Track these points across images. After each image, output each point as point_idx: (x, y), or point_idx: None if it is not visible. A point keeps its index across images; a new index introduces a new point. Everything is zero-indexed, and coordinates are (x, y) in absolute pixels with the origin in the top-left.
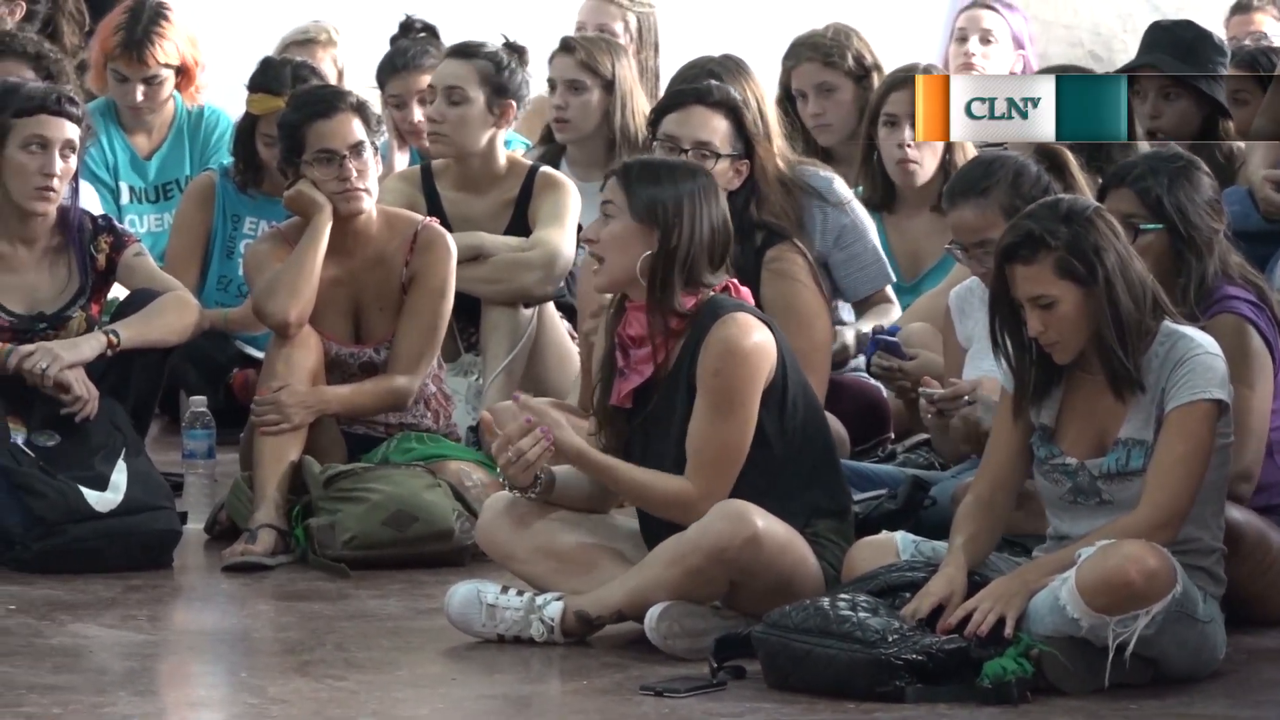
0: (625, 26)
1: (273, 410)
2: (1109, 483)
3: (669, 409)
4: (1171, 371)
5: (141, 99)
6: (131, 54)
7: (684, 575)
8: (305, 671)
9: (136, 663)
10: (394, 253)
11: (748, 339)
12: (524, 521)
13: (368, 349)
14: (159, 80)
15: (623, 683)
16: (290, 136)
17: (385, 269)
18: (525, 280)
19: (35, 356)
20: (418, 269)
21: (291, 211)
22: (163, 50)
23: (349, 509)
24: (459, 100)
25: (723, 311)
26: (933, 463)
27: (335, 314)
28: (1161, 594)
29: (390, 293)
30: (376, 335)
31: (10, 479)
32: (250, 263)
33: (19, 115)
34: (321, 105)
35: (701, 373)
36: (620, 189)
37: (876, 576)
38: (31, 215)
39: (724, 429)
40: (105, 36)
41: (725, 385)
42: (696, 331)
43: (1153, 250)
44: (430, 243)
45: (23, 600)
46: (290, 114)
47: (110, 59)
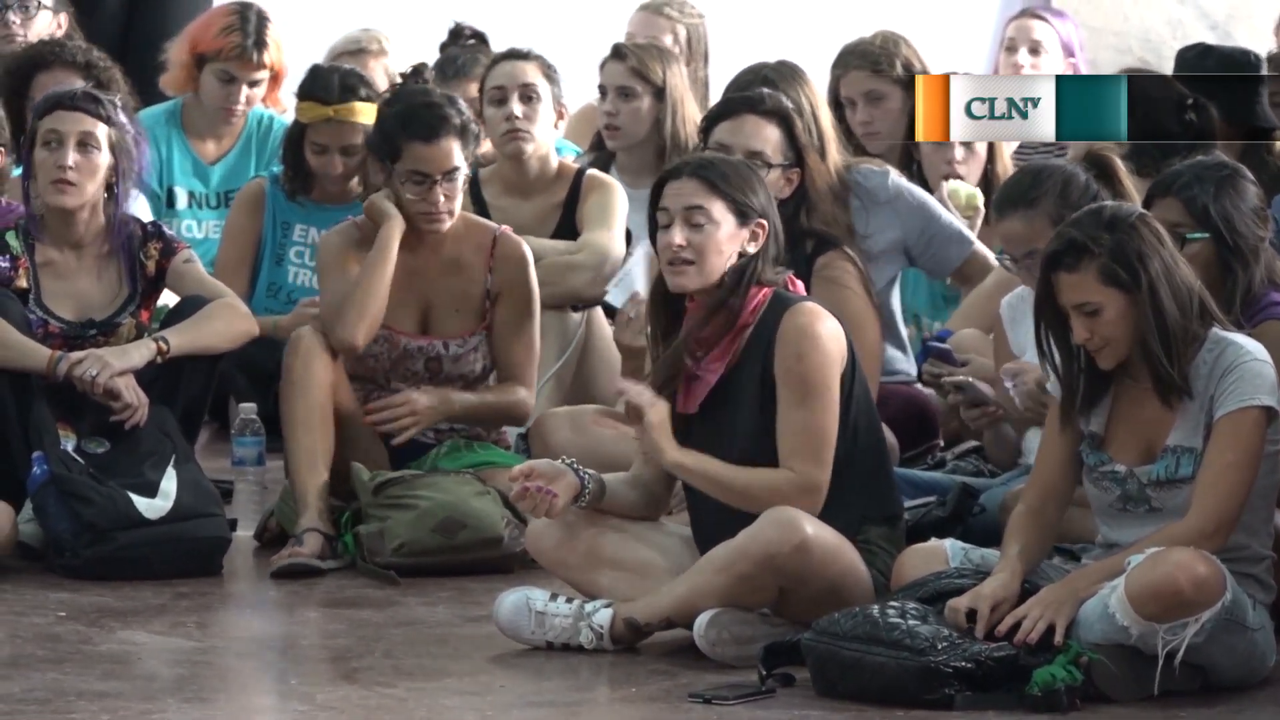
0: (675, 38)
1: (407, 413)
2: (1158, 490)
3: (735, 408)
4: (1220, 378)
5: (244, 102)
6: (247, 55)
7: (733, 582)
8: (354, 678)
9: (185, 669)
10: (472, 259)
11: (823, 325)
12: (573, 528)
13: (436, 343)
14: (262, 84)
15: (671, 690)
16: (387, 140)
17: (463, 275)
18: (575, 282)
19: (85, 364)
20: (505, 283)
21: (367, 216)
22: (272, 53)
23: (398, 516)
24: (533, 97)
25: (791, 303)
26: (982, 470)
27: (405, 309)
28: (1211, 602)
29: (469, 299)
30: (446, 333)
31: (60, 486)
32: (321, 254)
33: (40, 117)
34: (424, 130)
35: (782, 364)
36: (710, 192)
37: (926, 584)
38: (60, 213)
39: (815, 413)
40: (208, 38)
41: (809, 370)
42: (763, 327)
43: (1199, 259)
44: (511, 254)
45: (72, 607)
46: (392, 121)
47: (219, 59)
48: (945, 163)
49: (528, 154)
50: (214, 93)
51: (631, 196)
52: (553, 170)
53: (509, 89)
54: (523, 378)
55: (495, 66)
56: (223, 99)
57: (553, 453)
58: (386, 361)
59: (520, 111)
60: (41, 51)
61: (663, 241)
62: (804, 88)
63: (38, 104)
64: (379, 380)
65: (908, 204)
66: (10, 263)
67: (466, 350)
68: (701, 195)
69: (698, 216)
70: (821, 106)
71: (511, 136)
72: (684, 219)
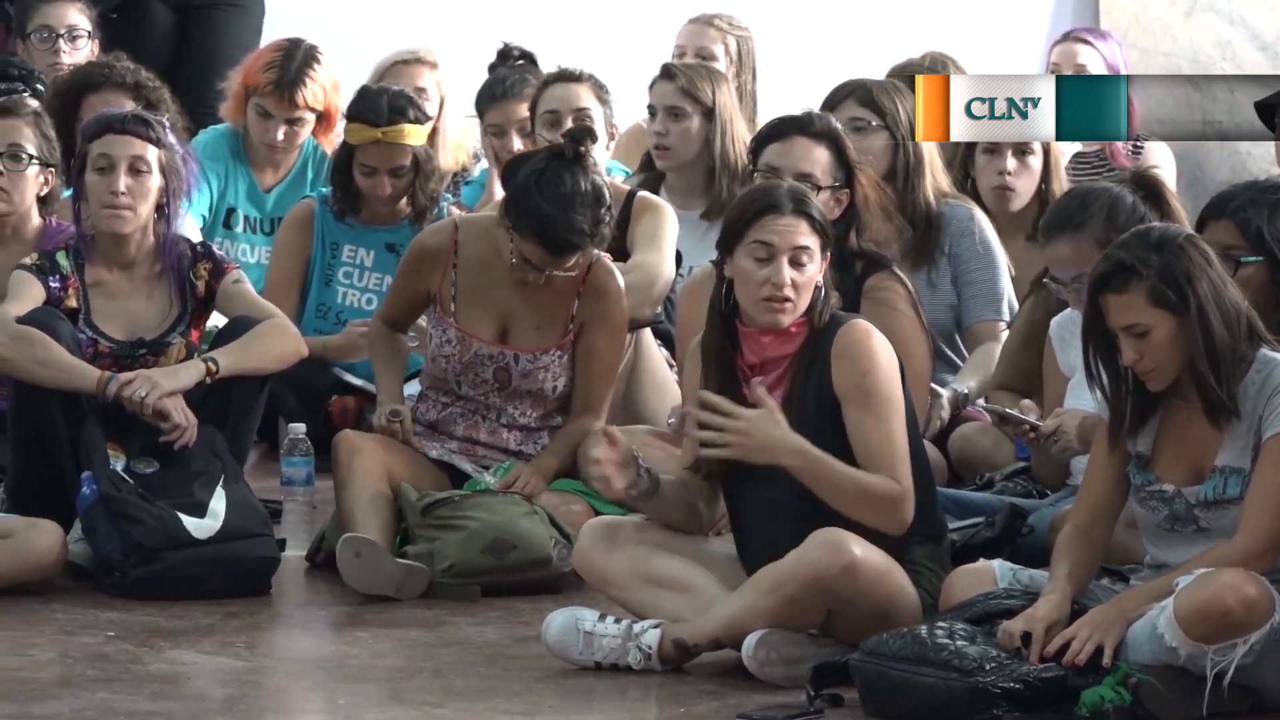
0: (725, 49)
1: (530, 487)
2: (1206, 510)
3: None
4: (1269, 399)
5: (281, 139)
6: (281, 94)
7: (781, 603)
8: (402, 699)
9: (235, 689)
10: (564, 283)
11: (878, 340)
12: (621, 547)
13: (507, 352)
14: (302, 122)
15: (720, 710)
16: (517, 215)
17: (552, 295)
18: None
19: (135, 384)
20: (598, 312)
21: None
22: (311, 93)
23: (447, 537)
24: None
25: (843, 320)
26: (1030, 490)
27: (484, 316)
28: (1260, 622)
29: (553, 319)
30: (520, 344)
31: (110, 506)
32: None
33: (91, 139)
34: (550, 238)
35: (849, 380)
36: (813, 231)
37: (974, 604)
38: (112, 236)
39: (891, 423)
40: (253, 71)
41: (879, 383)
42: (816, 348)
43: (1254, 282)
44: (604, 284)
45: (122, 626)
46: (526, 212)
47: (257, 94)
48: (997, 173)
49: None
50: (254, 125)
51: (681, 218)
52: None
53: (563, 113)
54: (599, 408)
55: (548, 89)
56: (260, 133)
57: None
58: (457, 364)
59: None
60: (91, 73)
61: (761, 276)
62: (906, 103)
63: (87, 125)
64: (449, 383)
65: (976, 241)
66: (60, 283)
67: (537, 367)
68: (807, 235)
69: (804, 256)
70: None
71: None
72: (792, 259)
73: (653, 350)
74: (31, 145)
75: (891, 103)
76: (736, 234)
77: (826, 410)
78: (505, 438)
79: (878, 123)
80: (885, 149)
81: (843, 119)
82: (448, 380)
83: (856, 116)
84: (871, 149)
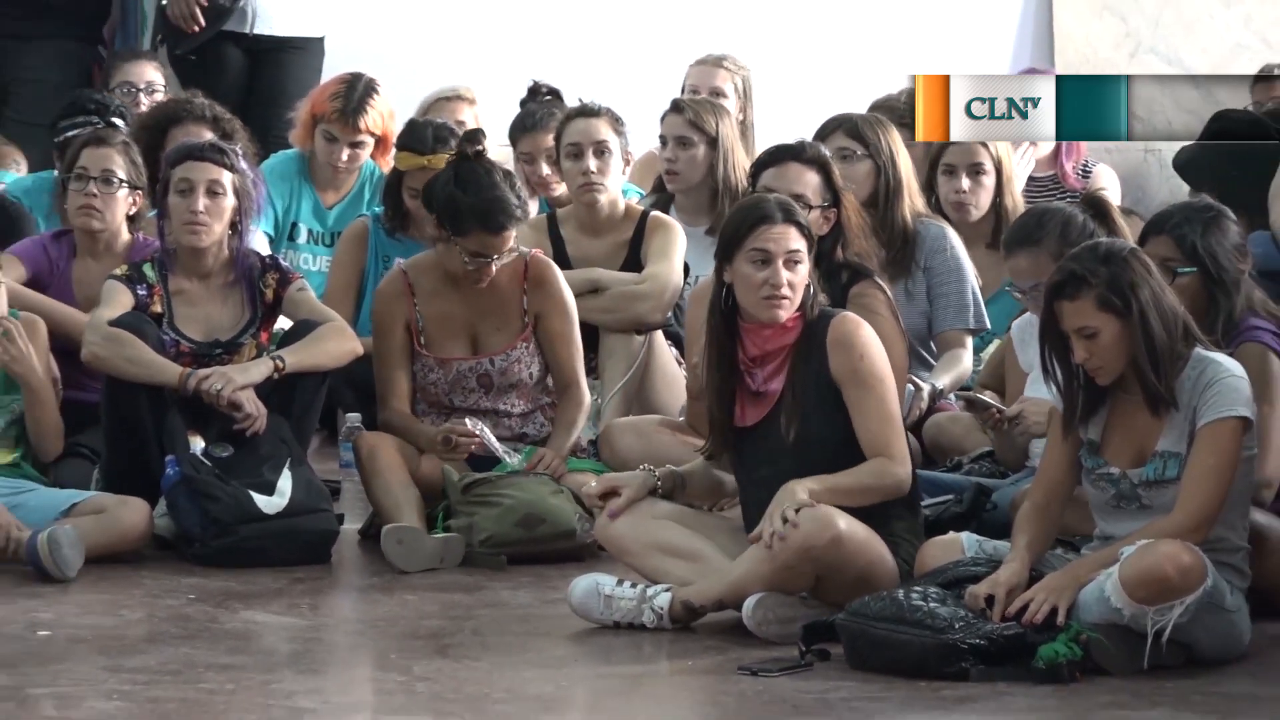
0: (734, 88)
1: (555, 468)
2: (1148, 489)
3: (798, 418)
4: (1202, 392)
5: (345, 160)
6: (346, 120)
7: (776, 570)
8: (445, 653)
9: (300, 645)
10: (507, 281)
11: (866, 328)
12: (637, 521)
13: (483, 360)
14: (363, 145)
15: (722, 663)
16: (453, 220)
17: (500, 295)
18: (639, 309)
19: (211, 379)
20: (544, 302)
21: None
22: (371, 120)
23: (484, 512)
24: (605, 152)
25: (832, 314)
26: (994, 472)
27: (455, 340)
28: (1194, 587)
29: (507, 317)
30: (490, 349)
31: (191, 485)
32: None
33: (173, 165)
34: (489, 221)
35: (846, 365)
36: (802, 236)
37: (945, 571)
38: (191, 250)
39: (888, 402)
40: (320, 101)
41: (870, 365)
42: (811, 339)
43: (1188, 290)
44: (543, 275)
45: (202, 591)
46: (460, 211)
47: (324, 121)
48: (954, 191)
49: (601, 203)
50: (321, 149)
51: (689, 234)
52: (620, 212)
53: (584, 145)
54: (575, 377)
55: (570, 123)
56: (326, 155)
57: (620, 457)
58: (445, 385)
59: (595, 166)
60: (174, 108)
61: (761, 279)
62: (887, 134)
63: (170, 154)
64: (443, 402)
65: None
66: (147, 291)
67: (511, 362)
68: (797, 239)
69: (796, 258)
70: (901, 154)
71: (587, 189)
72: (786, 261)
73: (664, 350)
74: (121, 170)
75: (874, 134)
76: (735, 243)
77: (825, 393)
78: (506, 425)
79: (862, 152)
80: (869, 175)
81: (832, 148)
82: (440, 400)
83: (844, 146)
84: (856, 175)
